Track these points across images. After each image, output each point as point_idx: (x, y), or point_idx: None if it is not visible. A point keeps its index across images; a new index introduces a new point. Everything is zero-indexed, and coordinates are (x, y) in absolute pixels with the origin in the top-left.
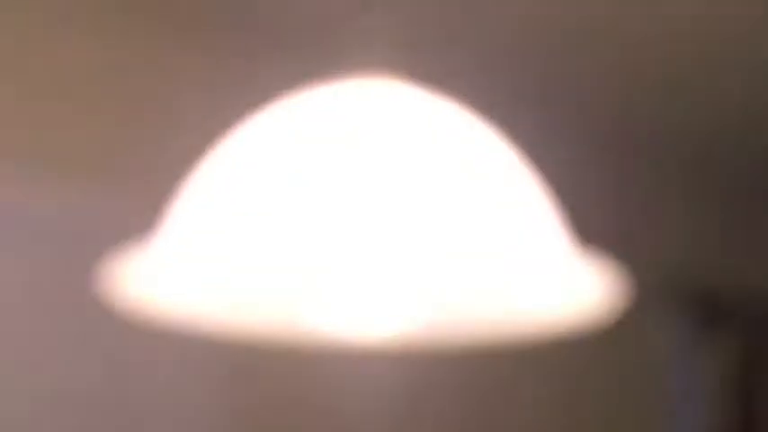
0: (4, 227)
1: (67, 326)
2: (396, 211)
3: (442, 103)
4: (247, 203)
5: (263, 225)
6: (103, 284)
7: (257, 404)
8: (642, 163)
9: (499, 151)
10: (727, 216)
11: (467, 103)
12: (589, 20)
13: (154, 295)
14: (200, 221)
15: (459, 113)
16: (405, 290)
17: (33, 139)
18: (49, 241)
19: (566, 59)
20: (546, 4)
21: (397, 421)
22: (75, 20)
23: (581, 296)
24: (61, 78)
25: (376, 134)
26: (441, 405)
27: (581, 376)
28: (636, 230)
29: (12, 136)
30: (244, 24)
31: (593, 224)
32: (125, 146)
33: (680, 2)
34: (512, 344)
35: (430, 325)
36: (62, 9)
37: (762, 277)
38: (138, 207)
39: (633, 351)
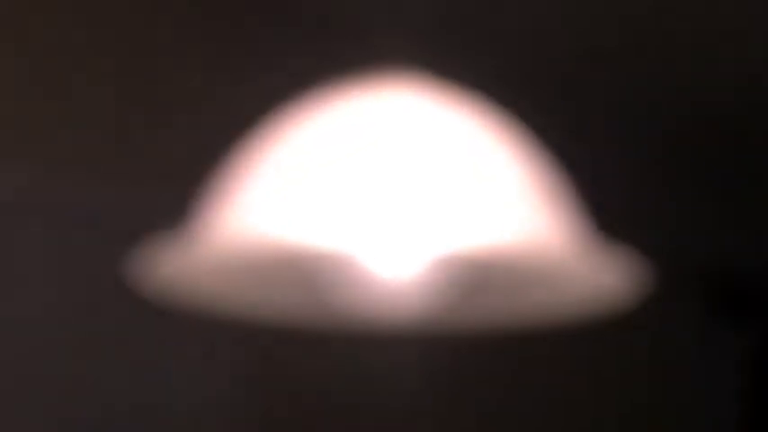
0: (34, 219)
1: (97, 317)
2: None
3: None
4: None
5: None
6: (136, 274)
7: (285, 391)
8: (661, 151)
9: (518, 143)
10: (747, 203)
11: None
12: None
13: (185, 283)
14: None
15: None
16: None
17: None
18: (78, 233)
19: (586, 57)
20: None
21: (419, 408)
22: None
23: (601, 285)
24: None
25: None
26: (458, 391)
27: (600, 364)
28: (655, 219)
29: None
30: (274, 16)
31: (612, 213)
32: (153, 138)
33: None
34: (531, 332)
35: (448, 314)
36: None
37: None
38: (167, 198)
39: (653, 339)
